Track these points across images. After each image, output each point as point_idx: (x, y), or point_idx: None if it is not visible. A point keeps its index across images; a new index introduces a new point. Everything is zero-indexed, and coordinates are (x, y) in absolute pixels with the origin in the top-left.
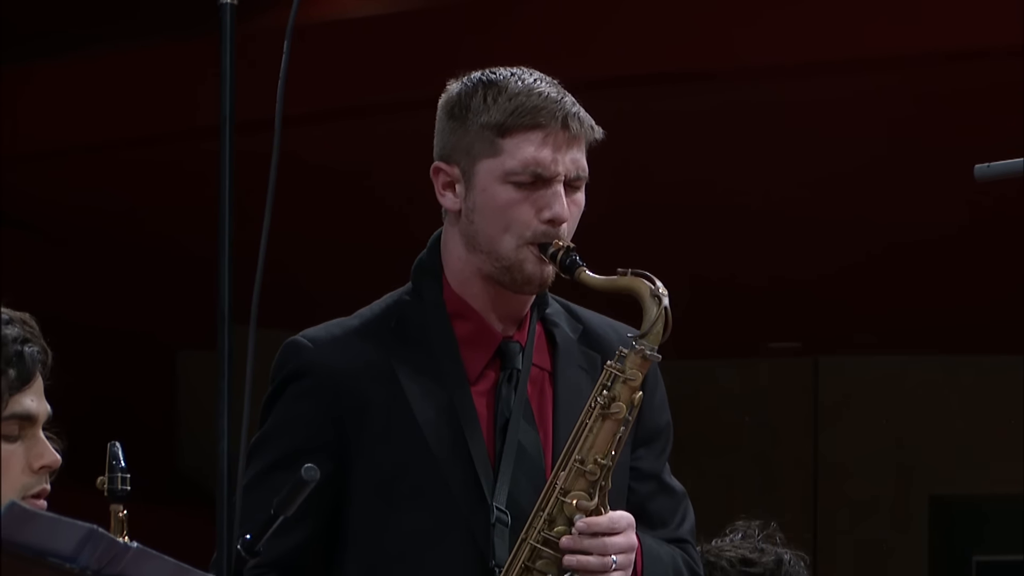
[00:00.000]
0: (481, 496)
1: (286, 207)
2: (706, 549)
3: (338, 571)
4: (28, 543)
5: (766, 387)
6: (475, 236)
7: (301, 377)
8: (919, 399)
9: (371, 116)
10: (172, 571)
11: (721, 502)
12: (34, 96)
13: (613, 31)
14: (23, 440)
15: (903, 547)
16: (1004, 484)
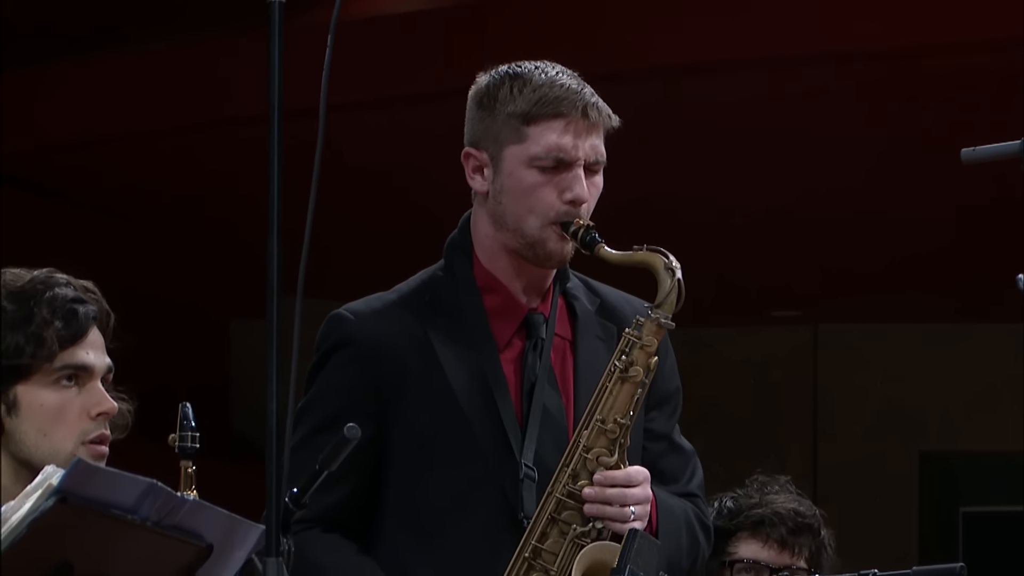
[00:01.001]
0: (510, 454)
1: (323, 191)
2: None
3: (378, 525)
4: (93, 496)
5: (770, 352)
6: (502, 216)
7: (344, 347)
8: (910, 364)
9: (400, 106)
10: (225, 522)
11: (728, 460)
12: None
13: (623, 25)
14: (81, 389)
15: (896, 500)
16: (988, 441)
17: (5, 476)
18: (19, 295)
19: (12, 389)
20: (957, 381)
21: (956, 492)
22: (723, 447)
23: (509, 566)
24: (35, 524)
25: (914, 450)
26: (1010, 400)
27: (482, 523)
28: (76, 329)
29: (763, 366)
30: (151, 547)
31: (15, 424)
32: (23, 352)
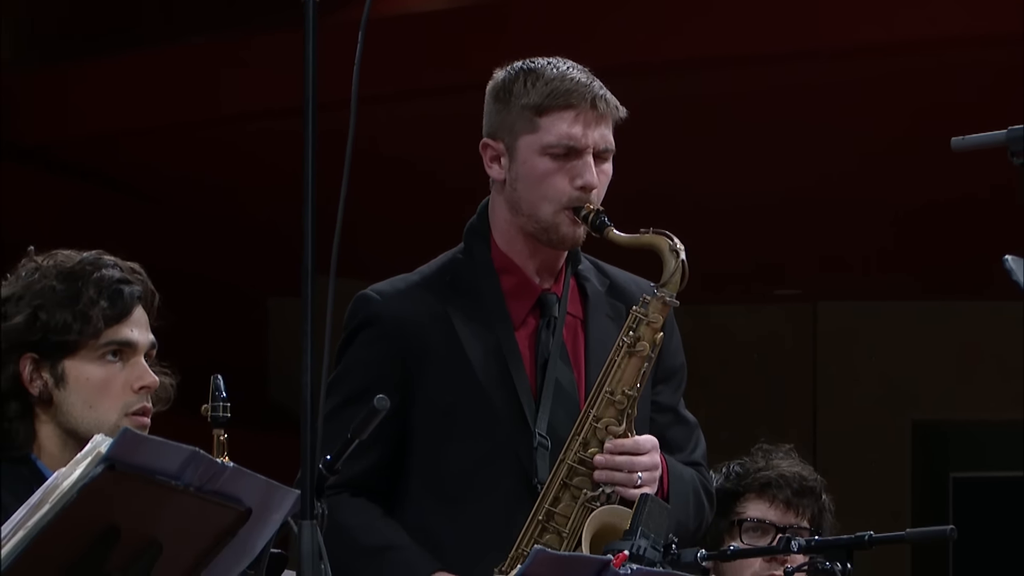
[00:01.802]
0: (525, 424)
1: (352, 178)
2: (760, 466)
3: (403, 490)
4: (139, 463)
5: (772, 329)
6: (518, 202)
7: (370, 325)
8: (903, 339)
9: (424, 99)
10: (263, 487)
11: (734, 429)
12: (138, 81)
13: (635, 19)
14: (125, 364)
15: (890, 467)
16: (976, 411)
17: (53, 445)
18: (68, 275)
19: (60, 363)
20: (947, 355)
21: (946, 459)
22: (728, 417)
23: (524, 528)
24: (85, 489)
25: (907, 419)
26: (996, 373)
27: (499, 488)
28: (121, 308)
29: (766, 341)
30: (193, 511)
31: (63, 396)
32: (70, 329)
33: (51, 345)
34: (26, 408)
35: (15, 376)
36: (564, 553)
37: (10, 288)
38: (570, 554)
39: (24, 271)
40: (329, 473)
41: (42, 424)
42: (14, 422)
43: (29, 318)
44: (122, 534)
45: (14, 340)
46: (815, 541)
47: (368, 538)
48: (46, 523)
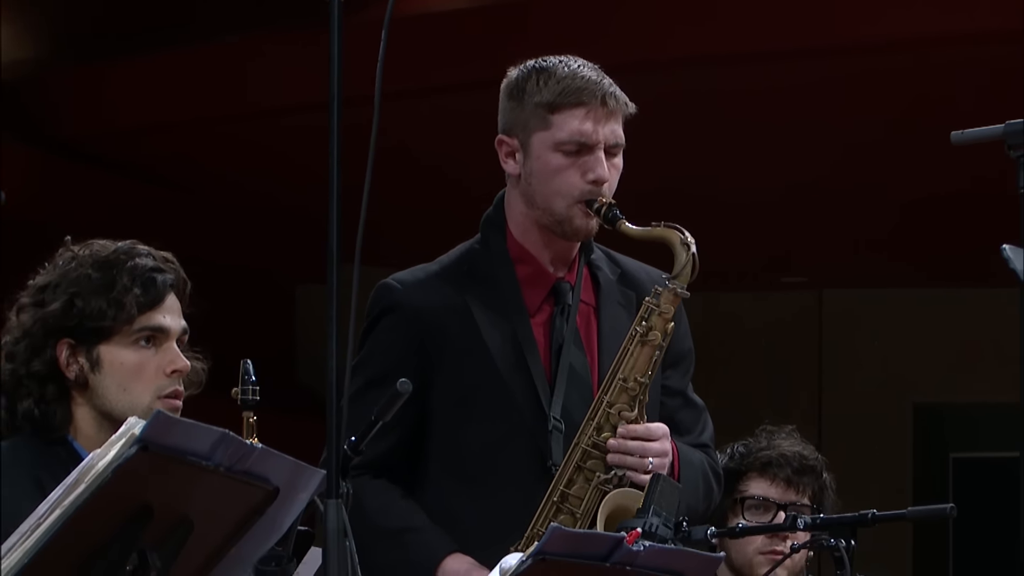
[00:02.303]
0: (540, 408)
1: (377, 172)
2: (761, 446)
3: (423, 471)
4: (171, 444)
5: (780, 315)
6: (532, 195)
7: (391, 312)
8: (905, 325)
9: (442, 95)
10: (290, 468)
11: (741, 412)
12: (170, 78)
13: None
14: (157, 349)
15: (892, 447)
16: (974, 394)
17: (89, 427)
18: (103, 264)
19: (95, 348)
20: (946, 340)
21: (946, 440)
22: (737, 401)
23: (539, 508)
24: (119, 470)
25: (908, 402)
26: (994, 357)
27: (516, 470)
28: (154, 295)
29: (773, 328)
30: (224, 490)
31: (98, 380)
32: (105, 315)
33: (87, 331)
34: (63, 391)
35: (52, 361)
36: (579, 530)
37: (47, 277)
38: (585, 531)
39: (61, 260)
40: (354, 454)
41: (78, 407)
42: (51, 405)
43: (66, 305)
44: (155, 512)
45: (51, 326)
46: (820, 519)
47: (388, 520)
48: (82, 502)
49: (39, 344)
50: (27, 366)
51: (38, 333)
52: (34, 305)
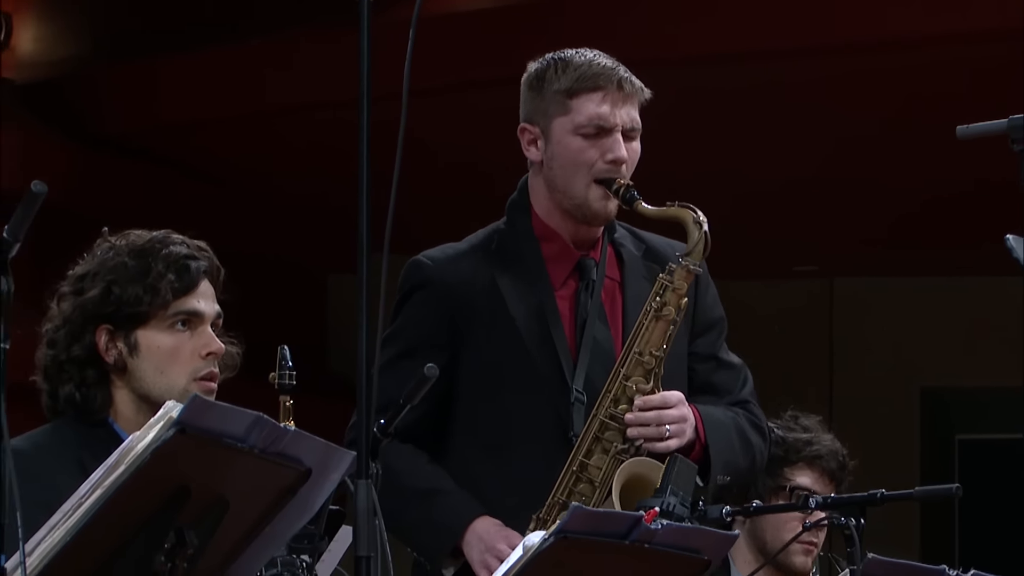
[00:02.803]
0: (563, 380)
1: (405, 165)
2: (807, 438)
3: (449, 438)
4: (208, 427)
5: (792, 302)
6: (554, 180)
7: (422, 288)
8: (912, 312)
9: (466, 91)
10: (322, 449)
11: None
12: (211, 75)
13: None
14: (193, 333)
15: (900, 430)
16: (979, 378)
17: (128, 409)
18: (139, 252)
19: (133, 333)
20: (952, 327)
21: (952, 422)
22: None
23: (560, 477)
24: (157, 452)
25: (916, 386)
26: (998, 343)
27: (539, 439)
28: (188, 281)
29: (786, 314)
30: (258, 471)
31: (135, 363)
32: (141, 301)
33: (124, 316)
34: (102, 375)
35: (91, 346)
36: (600, 510)
37: (86, 267)
38: (605, 510)
39: (99, 250)
40: (382, 436)
41: (117, 390)
42: (92, 388)
43: (103, 292)
44: (192, 492)
45: (90, 313)
46: (831, 499)
47: (417, 481)
48: (122, 483)
49: (78, 330)
50: (67, 351)
51: (77, 320)
52: (73, 294)
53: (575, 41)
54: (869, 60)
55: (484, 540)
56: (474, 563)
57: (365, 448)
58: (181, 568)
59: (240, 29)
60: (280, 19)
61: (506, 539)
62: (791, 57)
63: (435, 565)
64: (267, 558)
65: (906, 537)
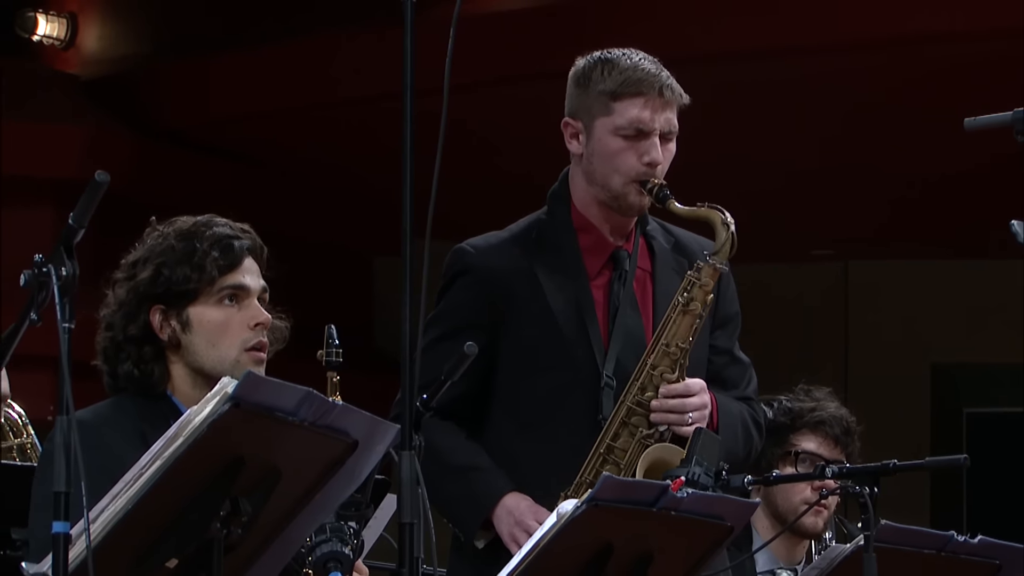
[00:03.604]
0: (595, 366)
1: (446, 154)
2: (811, 405)
3: (486, 416)
4: (261, 402)
5: (809, 284)
6: (593, 174)
7: (465, 273)
8: (923, 293)
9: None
10: (368, 422)
11: (777, 370)
12: (262, 71)
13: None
14: (240, 306)
15: (911, 404)
16: (985, 355)
17: (184, 383)
18: (185, 235)
19: (184, 311)
20: (960, 307)
21: (960, 396)
22: (771, 360)
23: (587, 458)
24: (213, 424)
25: (926, 363)
26: (1002, 323)
27: (570, 421)
28: (232, 258)
29: (803, 296)
30: (308, 443)
31: (189, 339)
32: (189, 279)
33: (174, 295)
34: (159, 352)
35: (146, 325)
36: (628, 479)
37: (137, 253)
38: (634, 479)
39: (149, 238)
40: (425, 410)
41: (173, 365)
42: (149, 364)
43: (154, 274)
44: (246, 463)
45: (143, 294)
46: (846, 468)
47: (454, 458)
48: (180, 453)
49: (133, 311)
50: (124, 332)
51: (132, 302)
52: (127, 279)
53: (609, 41)
54: (871, 57)
55: (514, 515)
56: (504, 536)
57: (409, 422)
58: (235, 534)
59: (287, 29)
60: (325, 20)
61: (535, 515)
62: (805, 53)
63: (468, 537)
64: (317, 524)
65: (917, 505)
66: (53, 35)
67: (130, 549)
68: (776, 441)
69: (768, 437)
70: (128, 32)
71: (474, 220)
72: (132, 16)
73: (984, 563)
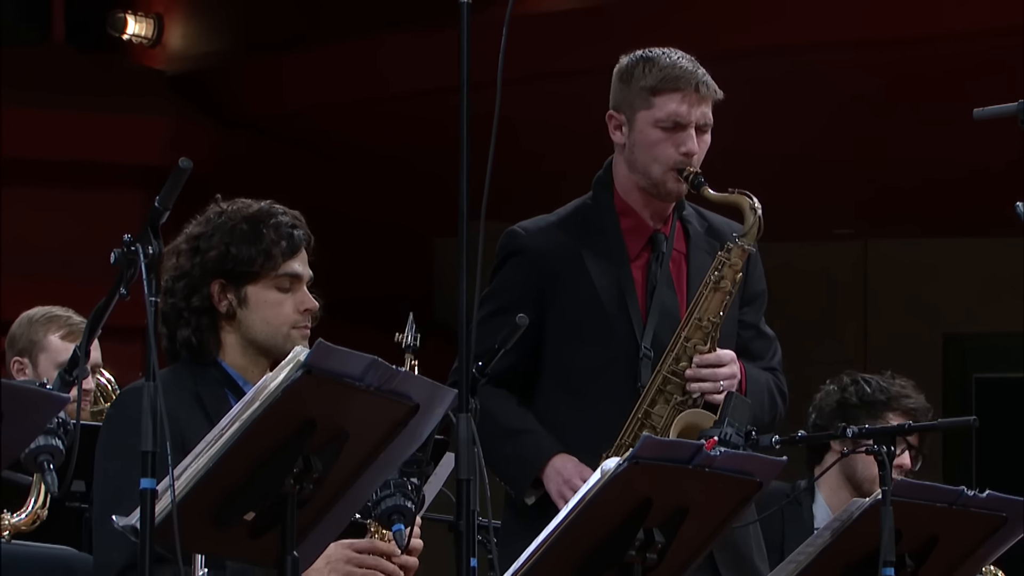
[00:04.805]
0: (634, 339)
1: (499, 141)
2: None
3: (536, 385)
4: (330, 369)
5: (831, 261)
6: (634, 162)
7: (516, 254)
8: (936, 268)
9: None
10: (429, 387)
11: (801, 341)
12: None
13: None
14: (293, 292)
15: (924, 370)
16: (993, 325)
17: (234, 351)
18: (251, 219)
19: (244, 288)
20: (968, 281)
21: (968, 363)
22: (797, 333)
23: (627, 422)
24: (287, 390)
25: (938, 332)
26: (1008, 295)
27: (612, 389)
28: (293, 247)
29: (826, 271)
30: (373, 406)
31: (244, 314)
32: (254, 262)
33: (237, 274)
34: (214, 322)
35: (208, 297)
36: (666, 439)
37: (201, 227)
38: (671, 439)
39: (211, 214)
40: (480, 376)
41: (226, 334)
42: (206, 334)
43: (222, 252)
44: (317, 425)
45: (209, 269)
46: (865, 429)
47: (506, 422)
48: (257, 416)
49: (197, 283)
50: (187, 301)
51: (197, 274)
52: (191, 251)
53: (644, 40)
54: (889, 52)
55: (561, 474)
56: (552, 493)
57: (465, 387)
58: (307, 490)
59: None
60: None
61: (580, 474)
62: (826, 50)
63: (519, 494)
64: (381, 480)
65: (930, 464)
66: (141, 34)
67: (211, 504)
68: (869, 413)
69: (861, 408)
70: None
71: (527, 203)
72: (213, 17)
73: (992, 515)
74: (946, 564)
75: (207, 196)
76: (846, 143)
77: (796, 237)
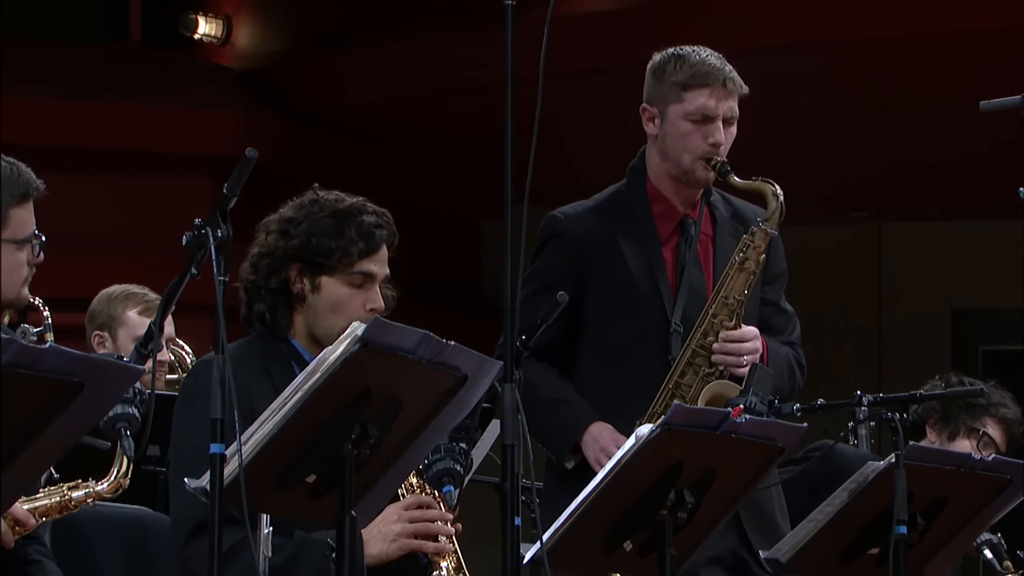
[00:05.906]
0: (665, 316)
1: (542, 132)
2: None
3: (576, 358)
4: (385, 343)
5: (847, 242)
6: (666, 152)
7: (556, 237)
8: (946, 249)
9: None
10: (476, 359)
11: (819, 320)
12: (389, 62)
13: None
14: (364, 289)
15: (934, 344)
16: (999, 301)
17: (302, 332)
18: (338, 214)
19: (319, 277)
20: (976, 260)
21: (976, 336)
22: (814, 312)
23: (658, 392)
24: (345, 362)
25: (947, 307)
26: (1012, 273)
27: (645, 361)
28: (372, 247)
29: (843, 251)
30: (425, 377)
31: (314, 299)
32: (332, 255)
33: (316, 263)
34: (289, 303)
35: (285, 280)
36: (696, 407)
37: (294, 212)
38: (700, 407)
39: (307, 199)
40: (524, 349)
41: (297, 315)
42: (279, 311)
43: (305, 241)
44: (372, 394)
45: (290, 254)
46: (880, 397)
47: (548, 392)
48: (318, 386)
49: (278, 266)
50: (266, 280)
51: (279, 257)
52: (280, 233)
53: (677, 38)
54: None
55: (598, 441)
56: (589, 459)
57: (510, 359)
58: (364, 454)
59: (411, 28)
60: (441, 20)
61: (615, 441)
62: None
63: (559, 459)
64: (433, 445)
65: None
66: (211, 33)
67: (275, 467)
68: (970, 414)
69: (965, 408)
70: (275, 30)
71: (567, 188)
72: (278, 17)
73: (996, 477)
74: (954, 522)
75: (272, 184)
76: (861, 131)
77: (814, 219)
